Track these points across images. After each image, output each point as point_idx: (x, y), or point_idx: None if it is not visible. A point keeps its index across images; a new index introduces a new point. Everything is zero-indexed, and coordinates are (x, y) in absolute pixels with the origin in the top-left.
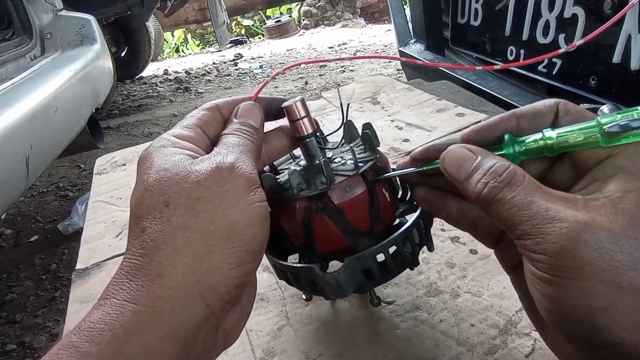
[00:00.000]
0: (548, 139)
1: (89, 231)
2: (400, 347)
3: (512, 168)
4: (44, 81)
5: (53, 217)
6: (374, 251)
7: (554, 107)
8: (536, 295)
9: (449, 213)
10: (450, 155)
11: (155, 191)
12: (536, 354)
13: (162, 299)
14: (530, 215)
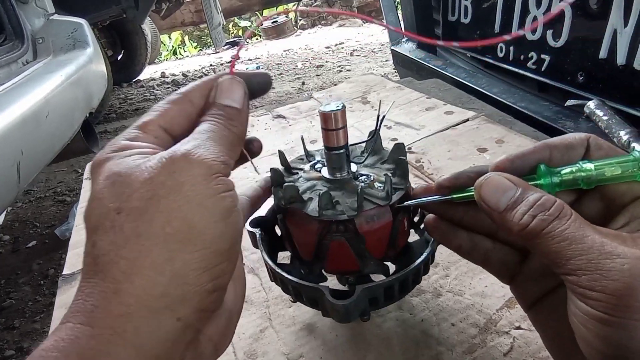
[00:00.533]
0: (585, 170)
1: (77, 236)
2: (381, 347)
3: (560, 202)
4: (35, 86)
5: (51, 222)
6: (387, 283)
7: (585, 141)
8: (587, 337)
9: (461, 244)
10: (489, 183)
11: (104, 199)
12: (514, 352)
13: (122, 317)
14: (584, 249)
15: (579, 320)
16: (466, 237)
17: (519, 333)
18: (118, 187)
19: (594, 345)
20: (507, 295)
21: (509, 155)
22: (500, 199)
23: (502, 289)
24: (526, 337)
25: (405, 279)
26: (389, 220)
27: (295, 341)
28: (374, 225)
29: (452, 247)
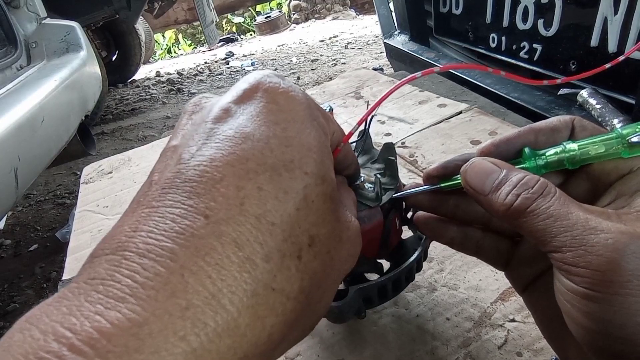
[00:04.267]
0: (570, 150)
1: (75, 241)
2: (377, 344)
3: (543, 180)
4: (30, 92)
5: (51, 226)
6: (380, 283)
7: (570, 123)
8: (572, 313)
9: (453, 236)
10: (473, 168)
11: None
12: (509, 344)
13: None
14: (568, 225)
15: (564, 297)
16: (457, 229)
17: (513, 325)
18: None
19: (580, 322)
20: (501, 289)
21: (494, 139)
22: (485, 182)
23: (496, 282)
24: (520, 329)
25: (398, 278)
26: (379, 220)
27: None
28: (365, 227)
29: (444, 241)
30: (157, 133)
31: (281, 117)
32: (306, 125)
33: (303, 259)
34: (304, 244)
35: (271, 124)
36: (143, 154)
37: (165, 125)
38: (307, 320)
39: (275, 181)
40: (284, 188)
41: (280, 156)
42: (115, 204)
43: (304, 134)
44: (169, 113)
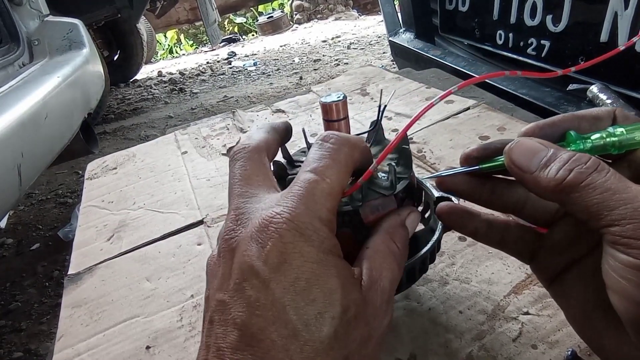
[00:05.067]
0: (616, 134)
1: (80, 236)
2: (389, 336)
3: (595, 158)
4: (33, 88)
5: (53, 225)
6: (406, 266)
7: (612, 113)
8: (627, 290)
9: (477, 227)
10: (519, 146)
11: (341, 343)
12: (523, 337)
13: None
14: (628, 198)
15: (617, 273)
16: (482, 220)
17: (527, 318)
18: (350, 335)
19: (634, 297)
20: (514, 282)
21: (537, 122)
22: (532, 159)
23: (509, 275)
24: (534, 322)
25: (412, 269)
26: (394, 209)
27: None
28: (379, 215)
29: (468, 231)
30: (160, 132)
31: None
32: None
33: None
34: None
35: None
36: (147, 150)
37: (167, 125)
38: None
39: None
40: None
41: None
42: (120, 200)
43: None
44: (171, 113)
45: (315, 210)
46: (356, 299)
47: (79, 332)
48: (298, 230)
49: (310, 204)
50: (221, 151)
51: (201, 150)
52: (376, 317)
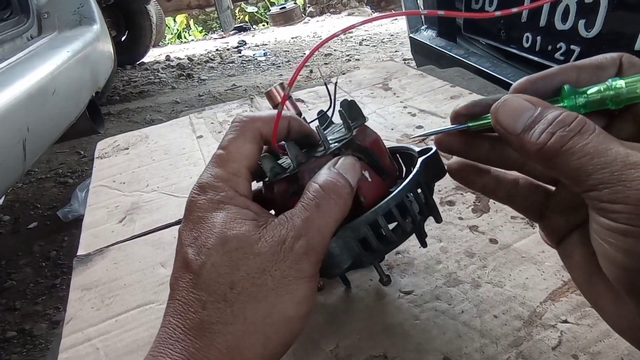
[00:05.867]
0: (615, 88)
1: (90, 216)
2: (421, 338)
3: (582, 117)
4: (42, 62)
5: (52, 204)
6: (365, 219)
7: (617, 60)
8: (609, 253)
9: (485, 183)
10: (505, 105)
11: (221, 268)
12: (563, 346)
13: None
14: (607, 162)
15: (600, 237)
16: (490, 177)
17: (566, 327)
18: (234, 263)
19: (616, 261)
20: (550, 288)
21: (530, 76)
22: (518, 120)
23: (544, 281)
24: (574, 330)
25: (388, 211)
26: None
27: (328, 329)
28: (305, 182)
29: (477, 188)
30: (165, 117)
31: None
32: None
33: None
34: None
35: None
36: (161, 132)
37: (174, 110)
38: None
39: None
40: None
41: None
42: (133, 181)
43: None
44: (178, 98)
45: (215, 173)
46: (239, 234)
47: (89, 316)
48: (199, 189)
49: (212, 170)
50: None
51: (217, 136)
52: (275, 253)
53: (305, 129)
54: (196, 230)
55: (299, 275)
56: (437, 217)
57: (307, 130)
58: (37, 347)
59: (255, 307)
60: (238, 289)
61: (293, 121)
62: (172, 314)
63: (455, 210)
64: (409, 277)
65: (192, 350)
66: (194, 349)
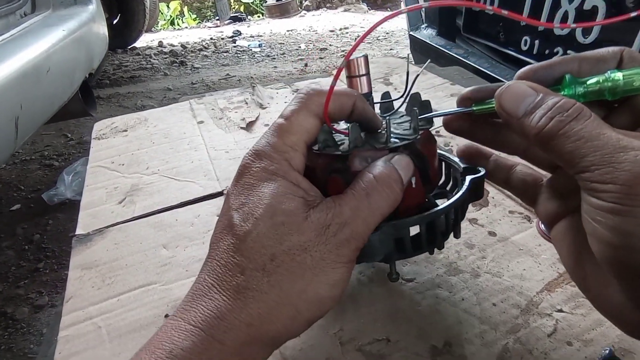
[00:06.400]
0: (613, 80)
1: (88, 197)
2: (423, 323)
3: (579, 104)
4: (36, 39)
5: (36, 187)
6: (410, 221)
7: (618, 54)
8: (597, 231)
9: (484, 165)
10: (509, 90)
11: (265, 239)
12: (558, 333)
13: (247, 345)
14: (599, 146)
15: (590, 216)
16: (490, 160)
17: (562, 316)
18: (278, 236)
19: (604, 238)
20: (546, 280)
21: (533, 65)
22: (520, 105)
23: (541, 272)
24: (569, 319)
25: (432, 221)
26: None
27: (332, 314)
28: (365, 165)
29: None
30: (157, 104)
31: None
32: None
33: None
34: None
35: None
36: (160, 116)
37: (166, 97)
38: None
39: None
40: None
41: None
42: (132, 163)
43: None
44: (170, 85)
45: (273, 142)
46: (287, 210)
47: (89, 295)
48: (254, 155)
49: (271, 139)
50: (240, 125)
51: (218, 122)
52: (318, 235)
53: (369, 113)
54: (245, 196)
55: (338, 260)
56: (458, 233)
57: (371, 114)
58: (18, 331)
59: (292, 282)
60: (278, 261)
61: (359, 101)
62: (208, 272)
63: None
64: (411, 265)
65: (224, 310)
66: (226, 309)
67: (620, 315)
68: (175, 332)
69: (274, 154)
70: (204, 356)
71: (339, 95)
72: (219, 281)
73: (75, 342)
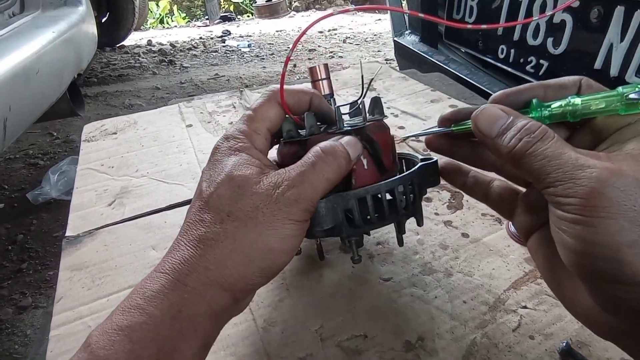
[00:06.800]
0: (573, 104)
1: (78, 198)
2: (398, 320)
3: (544, 127)
4: (26, 40)
5: (21, 186)
6: (355, 193)
7: (578, 82)
8: (563, 239)
9: (465, 181)
10: (484, 113)
11: (224, 199)
12: (522, 328)
13: (206, 286)
14: (561, 164)
15: (557, 226)
16: (469, 177)
17: (525, 312)
18: (234, 197)
19: (569, 246)
20: (513, 278)
21: (505, 90)
22: (493, 126)
23: (508, 272)
24: (532, 315)
25: (377, 193)
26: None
27: (314, 311)
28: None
29: (458, 185)
30: (145, 103)
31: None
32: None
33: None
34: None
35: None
36: (150, 119)
37: (154, 96)
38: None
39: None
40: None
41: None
42: (122, 166)
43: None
44: (159, 84)
45: (240, 128)
46: (243, 175)
47: (79, 295)
48: (224, 138)
49: (239, 125)
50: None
51: (207, 125)
52: (269, 195)
53: (324, 107)
54: (212, 169)
55: (287, 217)
56: (420, 220)
57: (326, 108)
58: (3, 331)
59: (244, 233)
60: (233, 217)
61: (315, 97)
62: (181, 232)
63: (432, 206)
64: (389, 265)
65: (187, 257)
66: (189, 256)
67: (591, 318)
68: (148, 280)
69: (240, 135)
70: (170, 295)
71: (297, 92)
72: (187, 235)
73: (66, 341)
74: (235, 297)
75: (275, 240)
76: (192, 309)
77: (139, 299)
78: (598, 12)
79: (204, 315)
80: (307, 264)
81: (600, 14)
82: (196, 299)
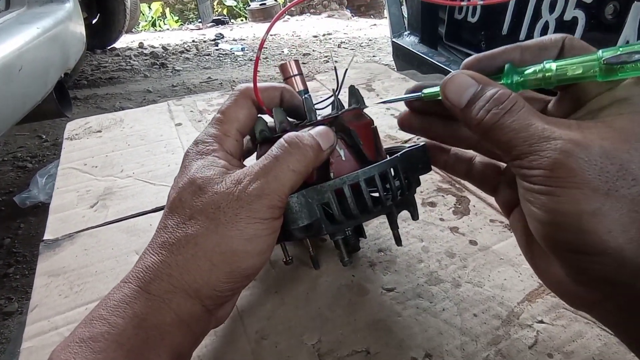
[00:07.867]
0: (547, 70)
1: (58, 199)
2: (403, 334)
3: (513, 96)
4: (8, 37)
5: (8, 189)
6: (331, 184)
7: (560, 42)
8: (531, 211)
9: (446, 160)
10: (452, 81)
11: (185, 203)
12: (539, 345)
13: (170, 294)
14: (527, 136)
15: (525, 197)
16: (450, 155)
17: (542, 327)
18: (195, 199)
19: (537, 217)
20: (527, 290)
21: (478, 54)
22: (462, 95)
23: (521, 282)
24: (549, 331)
25: (355, 183)
26: None
27: (311, 324)
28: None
29: (440, 164)
30: (136, 106)
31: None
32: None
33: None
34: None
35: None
36: (137, 117)
37: (145, 99)
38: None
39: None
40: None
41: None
42: (106, 165)
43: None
44: (150, 87)
45: (209, 132)
46: (205, 177)
47: (56, 304)
48: (194, 143)
49: (208, 130)
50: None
51: (197, 125)
52: (231, 193)
53: (296, 101)
54: (180, 175)
55: (252, 215)
56: (414, 213)
57: (298, 102)
58: None
59: (206, 237)
60: (195, 220)
61: (285, 92)
62: (151, 239)
63: (437, 211)
64: (391, 274)
65: (150, 264)
66: (151, 263)
67: (563, 289)
68: (113, 291)
69: (208, 139)
70: (134, 304)
71: (267, 88)
72: (152, 243)
73: (39, 354)
74: (205, 305)
75: (239, 241)
76: (157, 317)
77: (101, 310)
78: (614, 8)
79: (171, 323)
80: (303, 272)
81: (617, 10)
82: (161, 307)
